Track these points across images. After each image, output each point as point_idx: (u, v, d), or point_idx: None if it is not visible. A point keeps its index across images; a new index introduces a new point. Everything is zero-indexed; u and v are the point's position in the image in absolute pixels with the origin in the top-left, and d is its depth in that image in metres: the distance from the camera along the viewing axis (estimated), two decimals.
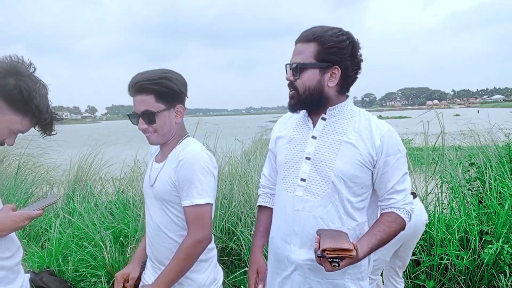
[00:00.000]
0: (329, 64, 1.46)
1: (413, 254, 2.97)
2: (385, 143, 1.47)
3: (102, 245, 3.74)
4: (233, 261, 3.77)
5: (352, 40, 1.48)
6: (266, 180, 1.79)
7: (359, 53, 1.51)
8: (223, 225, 3.85)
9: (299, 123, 1.62)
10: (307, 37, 1.48)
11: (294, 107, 1.55)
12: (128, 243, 3.77)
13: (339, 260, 1.31)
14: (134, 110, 1.54)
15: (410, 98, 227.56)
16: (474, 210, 3.55)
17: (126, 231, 3.96)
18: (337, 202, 1.48)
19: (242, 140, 6.62)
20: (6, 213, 1.38)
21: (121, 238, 3.92)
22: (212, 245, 1.67)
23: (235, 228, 3.78)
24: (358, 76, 1.54)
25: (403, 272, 2.77)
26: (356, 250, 1.32)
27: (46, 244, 4.12)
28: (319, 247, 1.32)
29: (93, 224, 4.07)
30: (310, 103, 1.51)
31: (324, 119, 1.54)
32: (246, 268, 3.42)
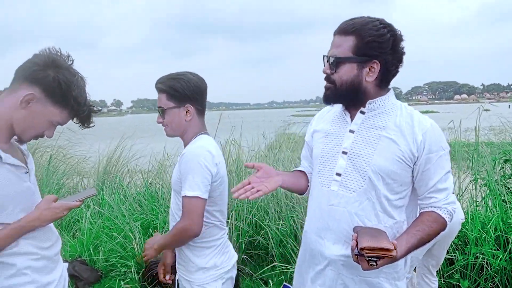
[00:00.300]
0: (368, 59, 1.40)
1: (447, 252, 2.88)
2: (427, 140, 1.40)
3: (131, 236, 3.81)
4: (260, 255, 3.77)
5: (394, 33, 1.41)
6: (302, 162, 1.79)
7: (401, 47, 1.44)
8: (250, 218, 3.84)
9: (337, 117, 1.58)
10: (345, 29, 1.42)
11: (329, 99, 1.51)
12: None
13: (377, 259, 1.26)
14: None
15: (437, 92, 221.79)
16: (510, 208, 3.42)
17: (155, 222, 4.02)
18: (374, 199, 1.43)
19: (266, 134, 6.60)
20: (46, 203, 1.40)
21: (150, 229, 3.98)
22: (219, 235, 1.79)
23: (262, 222, 3.77)
24: (399, 70, 1.48)
25: (437, 271, 2.69)
26: (396, 250, 1.27)
27: (77, 234, 4.23)
28: (357, 245, 1.28)
29: (123, 216, 4.15)
30: (347, 97, 1.47)
31: (363, 112, 1.49)
32: (275, 263, 3.41)
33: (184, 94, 1.69)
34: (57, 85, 1.31)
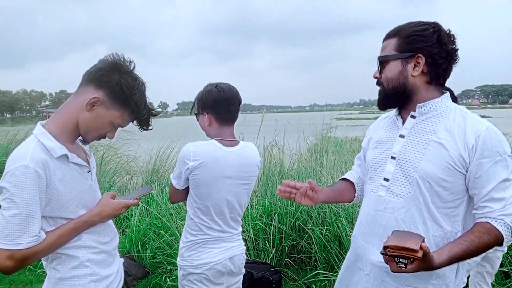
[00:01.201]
0: (411, 54, 1.39)
1: (502, 265, 2.73)
2: (480, 143, 1.31)
3: (177, 234, 3.92)
4: (303, 259, 3.75)
5: (438, 28, 1.39)
6: (355, 166, 1.81)
7: (451, 42, 1.41)
8: (293, 222, 3.84)
9: (390, 124, 1.57)
10: (390, 33, 1.46)
11: (381, 103, 1.50)
12: None
13: (405, 261, 1.22)
14: None
15: (490, 96, 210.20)
16: None
17: None
18: (422, 206, 1.38)
19: (308, 137, 6.56)
20: (106, 200, 1.49)
21: None
22: (196, 233, 1.92)
23: (306, 226, 3.76)
24: (452, 65, 1.43)
25: (492, 283, 2.55)
26: (425, 252, 1.21)
27: (126, 230, 4.41)
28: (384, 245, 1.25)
29: (170, 214, 4.27)
30: (395, 96, 1.45)
31: (413, 117, 1.45)
32: (318, 270, 3.39)
33: (201, 103, 1.94)
34: (120, 89, 1.39)
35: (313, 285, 3.33)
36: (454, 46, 1.41)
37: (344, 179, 1.79)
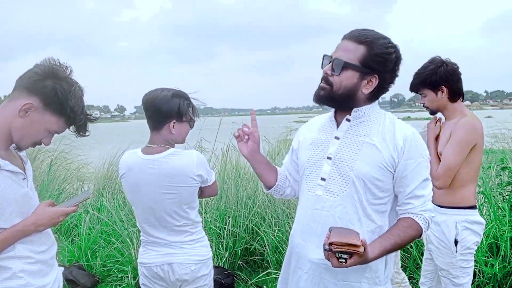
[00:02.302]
0: (370, 71, 1.46)
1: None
2: (407, 146, 1.44)
3: (129, 241, 3.85)
4: (256, 261, 3.80)
5: (398, 55, 1.48)
6: (283, 167, 1.81)
7: (398, 70, 1.51)
8: (246, 224, 3.88)
9: (325, 126, 1.63)
10: (358, 38, 1.46)
11: (321, 99, 1.53)
12: None
13: (346, 257, 1.30)
14: None
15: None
16: (504, 216, 3.45)
17: None
18: (357, 203, 1.47)
19: (268, 140, 6.64)
20: (42, 209, 1.45)
21: None
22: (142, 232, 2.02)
23: (259, 228, 3.81)
24: (389, 89, 1.54)
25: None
26: (364, 247, 1.30)
27: (76, 239, 4.27)
28: (327, 241, 1.32)
29: (121, 221, 4.19)
30: (339, 102, 1.51)
31: (348, 120, 1.54)
32: (270, 270, 3.45)
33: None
34: (54, 95, 1.36)
35: (265, 286, 3.38)
36: (398, 71, 1.51)
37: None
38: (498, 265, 2.98)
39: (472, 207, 2.21)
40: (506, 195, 4.07)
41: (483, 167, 4.35)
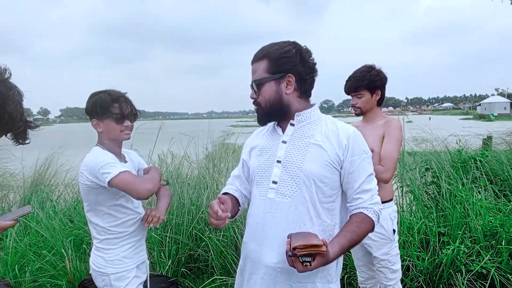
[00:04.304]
0: (282, 74, 1.55)
1: None
2: (351, 143, 1.54)
3: (63, 252, 3.60)
4: (200, 267, 3.74)
5: (299, 48, 1.57)
6: (231, 183, 1.82)
7: (310, 58, 1.60)
8: (190, 231, 3.81)
9: (270, 133, 1.69)
10: (257, 56, 1.60)
11: (261, 120, 1.65)
12: (90, 250, 3.65)
13: (310, 260, 1.32)
14: None
15: None
16: (431, 213, 3.75)
17: (88, 238, 3.82)
18: (308, 203, 1.52)
19: (205, 144, 6.57)
20: None
21: (83, 246, 3.78)
22: None
23: (203, 234, 3.76)
24: (315, 78, 1.63)
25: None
26: (326, 246, 1.34)
27: (0, 253, 3.90)
28: (290, 248, 1.34)
29: (53, 231, 3.90)
30: (274, 113, 1.61)
31: (292, 124, 1.61)
32: (215, 276, 3.41)
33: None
34: None
35: None
36: (313, 61, 1.60)
37: (226, 193, 1.79)
38: (428, 259, 3.22)
39: (392, 200, 2.49)
40: (431, 193, 4.43)
41: (410, 168, 4.71)
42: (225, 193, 1.79)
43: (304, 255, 1.31)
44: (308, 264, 1.32)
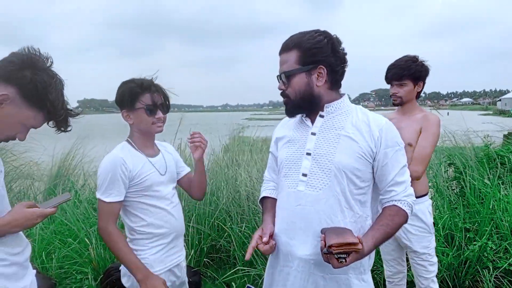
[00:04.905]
0: (313, 66, 1.51)
1: None
2: (383, 135, 1.51)
3: (87, 241, 3.67)
4: (222, 258, 3.77)
5: (330, 38, 1.53)
6: (269, 179, 1.84)
7: (340, 48, 1.56)
8: (212, 221, 3.84)
9: (298, 124, 1.67)
10: (287, 46, 1.55)
11: (290, 112, 1.62)
12: None
13: (346, 256, 1.32)
14: None
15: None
16: (456, 208, 3.69)
17: None
18: (339, 196, 1.50)
19: (221, 137, 6.63)
20: (19, 209, 1.34)
21: None
22: None
23: (225, 225, 3.78)
24: (345, 69, 1.59)
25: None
26: (361, 243, 1.34)
27: (28, 240, 4.00)
28: (325, 245, 1.33)
29: (77, 220, 3.98)
30: (304, 105, 1.57)
31: (322, 116, 1.59)
32: (238, 267, 3.43)
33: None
34: (33, 87, 1.26)
35: (233, 283, 3.36)
36: (343, 51, 1.57)
37: (265, 197, 1.80)
38: (453, 255, 3.18)
39: (427, 193, 2.47)
40: (453, 189, 4.37)
41: (435, 163, 4.64)
42: (264, 198, 1.79)
43: (340, 253, 1.30)
44: (344, 260, 1.32)
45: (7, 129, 1.30)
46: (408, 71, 2.38)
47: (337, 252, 1.30)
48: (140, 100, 1.81)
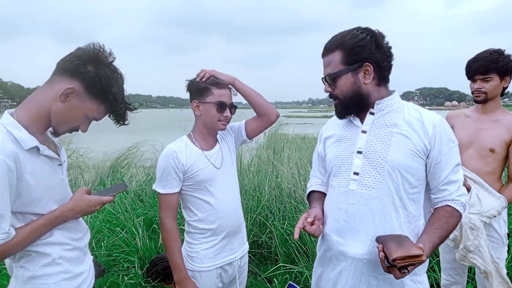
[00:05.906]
0: (359, 64, 1.48)
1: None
2: (437, 132, 1.46)
3: (134, 231, 3.81)
4: (263, 254, 3.79)
5: (373, 33, 1.49)
6: (315, 176, 1.82)
7: (384, 42, 1.51)
8: (254, 217, 3.87)
9: (346, 122, 1.64)
10: (329, 47, 1.52)
11: (341, 114, 1.59)
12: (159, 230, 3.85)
13: (408, 266, 1.27)
14: None
15: (428, 98, 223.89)
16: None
17: (157, 218, 4.02)
18: (393, 194, 1.46)
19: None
20: (80, 195, 1.42)
21: (154, 225, 3.98)
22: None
23: (267, 221, 3.80)
24: (392, 63, 1.54)
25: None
26: (424, 253, 1.28)
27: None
28: (385, 256, 1.29)
29: (125, 211, 4.14)
30: (354, 106, 1.54)
31: (372, 113, 1.55)
32: (280, 263, 3.44)
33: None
34: (98, 81, 1.32)
35: (274, 279, 3.37)
36: (387, 45, 1.52)
37: (313, 191, 1.79)
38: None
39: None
40: None
41: None
42: (311, 192, 1.78)
43: (405, 266, 1.25)
44: (406, 271, 1.27)
45: (72, 120, 1.37)
46: (495, 64, 2.16)
47: (402, 265, 1.25)
48: (213, 94, 1.83)
